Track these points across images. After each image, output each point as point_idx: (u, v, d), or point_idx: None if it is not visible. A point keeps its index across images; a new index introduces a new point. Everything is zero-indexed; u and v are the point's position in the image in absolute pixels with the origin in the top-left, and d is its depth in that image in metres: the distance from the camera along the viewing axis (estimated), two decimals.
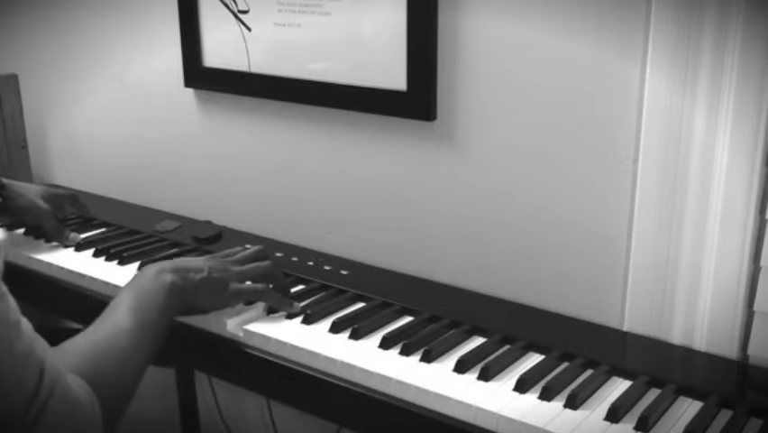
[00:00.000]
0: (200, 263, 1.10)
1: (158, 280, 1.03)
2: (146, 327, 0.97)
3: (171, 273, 1.05)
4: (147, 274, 1.05)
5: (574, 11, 1.09)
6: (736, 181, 0.99)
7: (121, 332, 0.95)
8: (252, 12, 1.41)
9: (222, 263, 1.12)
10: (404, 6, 1.22)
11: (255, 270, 1.14)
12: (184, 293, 1.05)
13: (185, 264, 1.09)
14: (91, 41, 1.71)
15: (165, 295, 1.02)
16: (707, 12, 0.96)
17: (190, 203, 1.60)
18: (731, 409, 0.92)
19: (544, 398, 0.93)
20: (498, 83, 1.19)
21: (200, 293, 1.07)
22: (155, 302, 1.01)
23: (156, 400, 1.94)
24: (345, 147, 1.38)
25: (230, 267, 1.12)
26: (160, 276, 1.04)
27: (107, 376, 0.88)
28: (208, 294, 1.09)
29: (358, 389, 0.99)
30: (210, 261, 1.12)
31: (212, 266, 1.10)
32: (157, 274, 1.04)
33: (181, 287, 1.05)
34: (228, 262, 1.13)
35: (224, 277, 1.10)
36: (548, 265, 1.20)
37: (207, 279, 1.08)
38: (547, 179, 1.17)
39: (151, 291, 1.02)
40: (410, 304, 1.16)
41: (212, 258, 1.14)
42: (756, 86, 0.95)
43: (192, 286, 1.06)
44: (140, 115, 1.68)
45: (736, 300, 1.02)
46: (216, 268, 1.10)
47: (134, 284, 1.04)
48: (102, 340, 0.93)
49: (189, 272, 1.07)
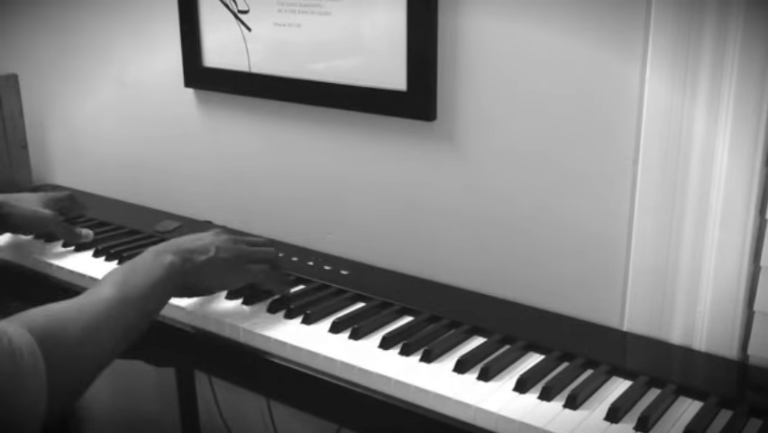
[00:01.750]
0: (206, 243, 1.09)
1: (156, 261, 1.03)
2: (129, 301, 0.96)
3: (172, 254, 1.04)
4: (147, 254, 1.04)
5: (574, 11, 1.09)
6: (736, 181, 0.99)
7: (97, 300, 0.94)
8: (252, 12, 1.41)
9: (230, 241, 1.12)
10: (404, 6, 1.22)
11: (265, 253, 1.15)
12: (184, 274, 1.04)
13: (189, 245, 1.08)
14: (91, 40, 1.71)
15: (161, 275, 1.01)
16: (707, 12, 0.96)
17: (190, 203, 1.60)
18: (731, 410, 0.92)
19: (544, 398, 0.93)
20: (498, 83, 1.19)
21: (203, 274, 1.07)
22: (146, 280, 0.99)
23: (156, 400, 1.94)
24: (345, 147, 1.38)
25: (239, 246, 1.12)
26: (159, 257, 1.03)
27: (65, 336, 0.86)
28: (212, 275, 1.08)
29: (358, 389, 0.99)
30: (217, 238, 1.11)
31: (219, 245, 1.09)
32: (157, 255, 1.04)
33: (181, 267, 1.04)
34: (236, 241, 1.13)
35: (232, 257, 1.10)
36: (548, 265, 1.20)
37: (214, 259, 1.07)
38: (547, 180, 1.17)
39: (145, 270, 1.01)
40: (410, 304, 1.16)
41: (218, 234, 1.13)
42: (756, 86, 0.95)
43: (194, 267, 1.06)
44: (140, 115, 1.68)
45: (736, 300, 1.02)
46: (224, 247, 1.10)
47: (130, 262, 1.03)
48: (71, 304, 0.92)
49: (194, 254, 1.06)
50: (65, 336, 0.87)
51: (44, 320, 0.87)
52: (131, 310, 0.96)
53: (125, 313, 0.95)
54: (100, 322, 0.92)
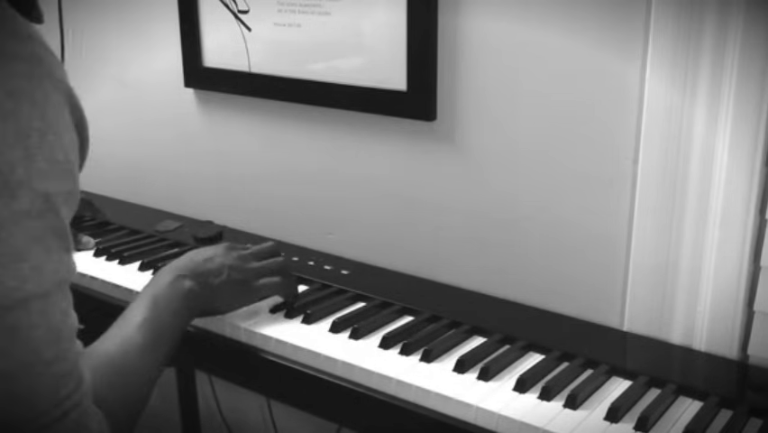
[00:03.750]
0: (218, 264, 1.07)
1: (174, 287, 1.01)
2: (160, 339, 0.94)
3: (189, 280, 1.02)
4: (163, 279, 1.02)
5: (574, 11, 1.09)
6: (736, 181, 0.99)
7: (134, 349, 0.90)
8: (252, 12, 1.41)
9: (239, 260, 1.10)
10: (404, 6, 1.22)
11: (273, 265, 1.13)
12: (202, 299, 1.03)
13: (203, 267, 1.05)
14: (91, 40, 1.71)
15: (181, 304, 1.00)
16: (707, 12, 0.96)
17: (190, 203, 1.60)
18: (731, 409, 0.92)
19: (544, 398, 0.93)
20: (498, 83, 1.19)
21: (219, 297, 1.06)
22: (169, 310, 0.98)
23: (156, 399, 1.93)
24: (345, 147, 1.38)
25: (248, 264, 1.10)
26: (177, 283, 1.01)
27: (119, 398, 0.84)
28: (227, 297, 1.08)
29: (358, 389, 0.99)
30: (227, 258, 1.09)
31: (231, 265, 1.08)
32: (174, 280, 1.01)
33: (199, 293, 1.03)
34: (245, 258, 1.11)
35: (244, 277, 1.09)
36: (548, 265, 1.20)
37: (227, 281, 1.06)
38: (547, 179, 1.17)
39: (167, 299, 0.99)
40: (410, 304, 1.16)
41: (228, 253, 1.10)
42: (756, 86, 0.95)
43: (211, 291, 1.04)
44: (140, 115, 1.68)
45: (736, 300, 1.02)
46: (235, 267, 1.08)
47: (150, 290, 1.00)
48: (117, 356, 0.88)
49: (209, 277, 1.05)
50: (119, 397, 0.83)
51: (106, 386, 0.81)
52: (162, 350, 0.94)
53: (158, 354, 0.93)
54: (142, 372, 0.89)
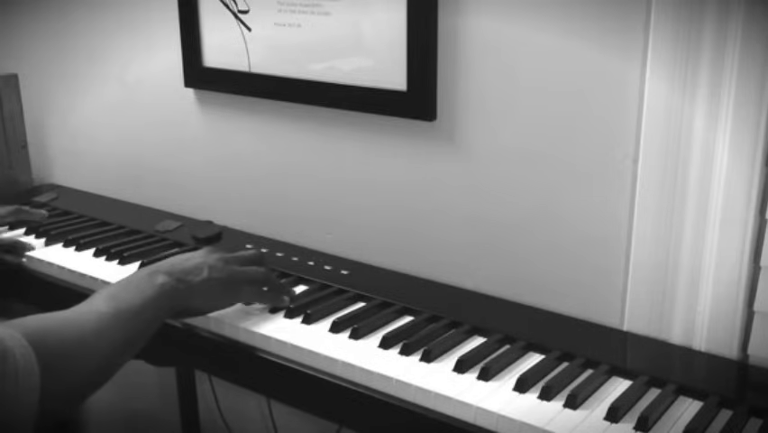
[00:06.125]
0: (198, 263, 1.08)
1: (149, 280, 1.02)
2: (122, 315, 0.95)
3: (165, 275, 1.04)
4: (140, 272, 1.05)
5: (574, 11, 1.09)
6: (736, 181, 0.99)
7: (89, 312, 0.94)
8: (252, 12, 1.41)
9: (221, 261, 1.11)
10: (404, 6, 1.22)
11: (255, 273, 1.13)
12: (177, 297, 1.04)
13: (182, 266, 1.07)
14: (91, 41, 1.71)
15: (154, 294, 1.01)
16: (707, 12, 0.96)
17: (190, 203, 1.60)
18: (731, 409, 0.92)
19: (544, 398, 0.93)
20: (498, 83, 1.19)
21: (197, 296, 1.06)
22: (139, 296, 0.99)
23: (156, 400, 1.94)
24: (345, 147, 1.38)
25: (230, 267, 1.11)
26: (152, 276, 1.03)
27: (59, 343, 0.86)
28: (206, 296, 1.08)
29: (358, 388, 0.99)
30: (209, 258, 1.10)
31: (212, 265, 1.09)
32: (150, 274, 1.03)
33: (174, 289, 1.03)
34: (227, 260, 1.12)
35: (224, 278, 1.09)
36: (548, 265, 1.20)
37: (207, 280, 1.07)
38: (547, 179, 1.18)
39: (139, 287, 1.01)
40: (410, 304, 1.16)
41: (209, 254, 1.12)
42: (756, 86, 0.95)
43: (188, 289, 1.05)
44: (140, 115, 1.68)
45: (736, 300, 1.02)
46: (217, 267, 1.09)
47: (124, 279, 1.03)
48: (65, 314, 0.92)
49: (188, 275, 1.06)
50: (60, 343, 0.87)
51: (39, 326, 0.87)
52: (123, 325, 0.95)
53: (118, 327, 0.95)
54: (94, 333, 0.92)
